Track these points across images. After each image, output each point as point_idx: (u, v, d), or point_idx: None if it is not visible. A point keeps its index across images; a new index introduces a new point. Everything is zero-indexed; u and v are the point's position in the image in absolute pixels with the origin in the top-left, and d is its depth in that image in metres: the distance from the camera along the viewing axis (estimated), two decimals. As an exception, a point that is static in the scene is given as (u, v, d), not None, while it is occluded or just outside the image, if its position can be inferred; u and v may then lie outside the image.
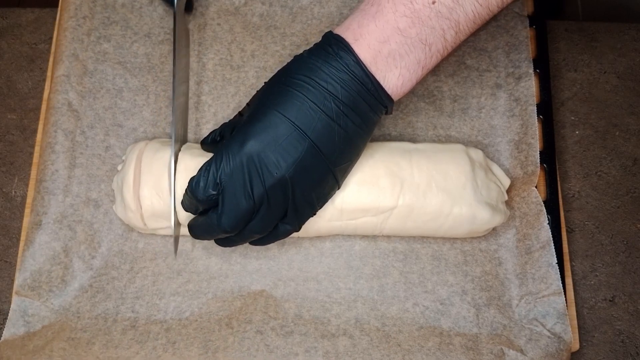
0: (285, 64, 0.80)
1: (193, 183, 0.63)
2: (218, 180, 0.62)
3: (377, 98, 0.63)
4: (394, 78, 0.63)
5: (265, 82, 0.67)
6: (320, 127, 0.62)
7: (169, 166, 0.68)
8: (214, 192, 0.62)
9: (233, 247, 0.74)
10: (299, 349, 0.68)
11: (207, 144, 0.72)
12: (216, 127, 0.78)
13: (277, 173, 0.61)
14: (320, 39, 0.65)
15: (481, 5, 0.62)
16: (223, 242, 0.68)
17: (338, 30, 0.64)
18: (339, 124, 0.62)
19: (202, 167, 0.63)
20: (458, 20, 0.62)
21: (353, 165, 0.67)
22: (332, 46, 0.63)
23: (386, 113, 0.66)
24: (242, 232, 0.65)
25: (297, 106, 0.61)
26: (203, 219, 0.65)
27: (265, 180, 0.61)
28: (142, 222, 0.70)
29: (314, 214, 0.67)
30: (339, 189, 0.67)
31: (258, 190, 0.61)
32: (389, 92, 0.63)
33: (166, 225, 0.71)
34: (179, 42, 0.72)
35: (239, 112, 0.70)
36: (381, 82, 0.63)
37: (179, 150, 0.71)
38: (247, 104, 0.68)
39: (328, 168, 0.63)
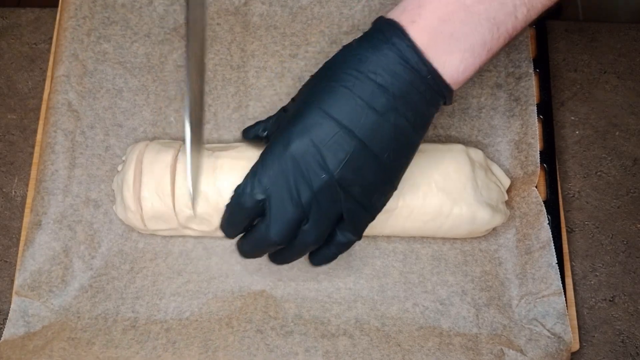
0: (285, 63, 0.81)
1: (239, 190, 0.60)
2: (264, 186, 0.59)
3: (434, 88, 0.58)
4: (456, 62, 0.57)
5: (311, 76, 0.63)
6: (369, 124, 0.57)
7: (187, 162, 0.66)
8: (262, 197, 0.59)
9: (233, 248, 0.73)
10: (299, 349, 0.68)
11: (250, 138, 0.69)
12: (217, 127, 0.78)
13: (325, 175, 0.58)
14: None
15: None
16: (277, 258, 0.66)
17: (392, 14, 0.59)
18: (389, 120, 0.57)
19: (248, 172, 0.61)
20: None
21: (408, 165, 0.62)
22: (384, 32, 0.58)
23: (444, 104, 0.61)
24: (294, 243, 0.61)
25: (343, 103, 0.57)
26: (250, 233, 0.63)
27: (312, 183, 0.58)
28: (142, 223, 0.70)
29: (373, 219, 0.63)
30: (395, 190, 0.63)
31: (305, 195, 0.58)
32: (448, 80, 0.58)
33: (166, 227, 0.71)
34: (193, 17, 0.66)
35: (283, 108, 0.67)
36: (439, 69, 0.57)
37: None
38: (292, 99, 0.65)
39: (379, 167, 0.59)
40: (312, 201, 0.58)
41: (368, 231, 0.70)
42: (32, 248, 0.72)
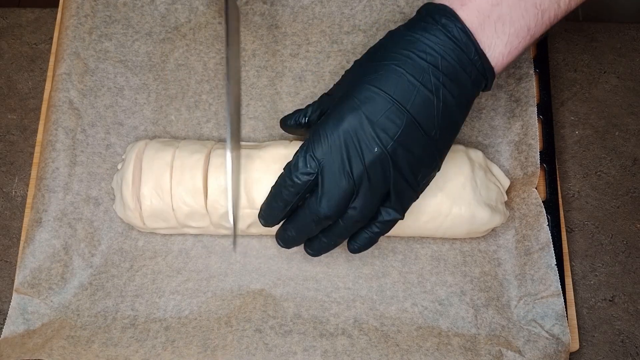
0: (286, 63, 0.81)
1: (291, 166, 0.61)
2: (317, 160, 0.60)
3: (479, 69, 0.60)
4: (501, 45, 0.60)
5: (355, 61, 0.65)
6: (420, 101, 0.59)
7: (226, 167, 0.66)
8: (314, 172, 0.60)
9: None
10: (298, 348, 0.69)
11: (289, 125, 0.69)
12: (217, 125, 0.78)
13: (377, 149, 0.59)
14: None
15: None
16: (314, 247, 0.66)
17: (442, 0, 0.61)
18: (438, 96, 0.59)
19: (298, 149, 0.62)
20: None
21: (451, 145, 0.64)
22: (433, 15, 0.60)
23: (484, 89, 0.63)
24: (342, 219, 0.62)
25: (395, 80, 0.59)
26: (297, 212, 0.63)
27: (364, 157, 0.59)
28: (141, 221, 0.70)
29: (417, 197, 0.64)
30: (438, 170, 0.65)
31: (357, 168, 0.59)
32: (493, 62, 0.61)
33: (165, 226, 0.71)
34: (232, 30, 0.67)
35: (326, 93, 0.68)
36: (486, 51, 0.60)
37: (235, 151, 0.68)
38: (337, 84, 0.67)
39: (427, 144, 0.60)
40: (363, 175, 0.59)
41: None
42: (32, 245, 0.72)
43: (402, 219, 0.64)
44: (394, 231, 0.72)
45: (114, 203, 0.73)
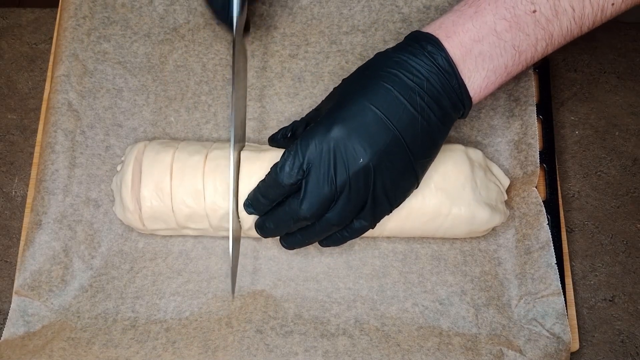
0: (285, 63, 0.81)
1: (277, 168, 0.63)
2: (304, 165, 0.62)
3: (459, 96, 0.63)
4: (479, 79, 0.63)
5: (343, 79, 0.67)
6: (405, 117, 0.62)
7: (229, 182, 0.67)
8: (299, 177, 0.62)
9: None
10: (299, 349, 0.68)
11: (276, 140, 0.72)
12: (217, 127, 0.78)
13: (362, 160, 0.61)
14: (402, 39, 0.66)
15: (576, 23, 0.63)
16: (289, 242, 0.68)
17: (428, 29, 0.64)
18: (422, 115, 0.62)
19: (285, 152, 0.63)
20: (552, 33, 0.63)
21: (430, 164, 0.67)
22: (421, 42, 0.63)
23: (462, 116, 0.66)
24: (319, 222, 0.64)
25: (384, 96, 0.62)
26: (278, 209, 0.65)
27: (349, 167, 0.61)
28: (140, 223, 0.70)
29: (390, 212, 0.66)
30: (417, 187, 0.67)
31: (341, 177, 0.61)
32: (471, 93, 0.64)
33: (165, 227, 0.71)
34: (238, 63, 0.69)
35: (315, 108, 0.70)
36: (466, 82, 0.63)
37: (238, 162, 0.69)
38: (325, 99, 0.69)
39: (410, 160, 0.63)
40: (346, 184, 0.61)
41: (368, 233, 0.71)
42: (32, 248, 0.72)
43: (373, 228, 0.67)
44: (394, 232, 0.72)
45: (113, 205, 0.73)
